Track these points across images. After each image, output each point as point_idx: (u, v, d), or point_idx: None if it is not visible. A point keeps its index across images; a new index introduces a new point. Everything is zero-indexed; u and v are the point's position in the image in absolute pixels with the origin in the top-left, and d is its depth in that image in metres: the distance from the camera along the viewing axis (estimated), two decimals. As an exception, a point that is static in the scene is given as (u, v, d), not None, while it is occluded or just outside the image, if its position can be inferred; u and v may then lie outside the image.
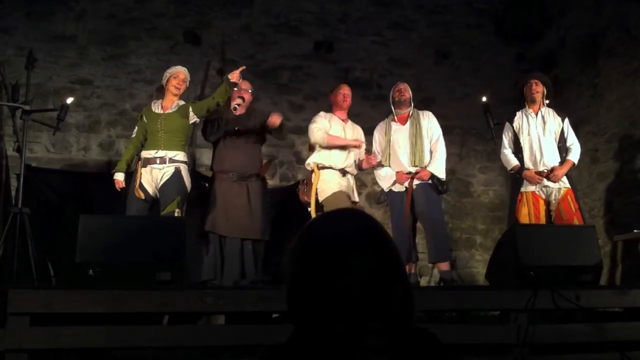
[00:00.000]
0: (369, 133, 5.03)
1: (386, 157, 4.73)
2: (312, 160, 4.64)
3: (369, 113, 5.46)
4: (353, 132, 4.79)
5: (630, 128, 5.71)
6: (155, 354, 3.21)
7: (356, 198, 4.73)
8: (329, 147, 4.59)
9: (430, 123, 4.78)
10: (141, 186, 4.27)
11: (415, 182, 4.59)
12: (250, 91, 4.62)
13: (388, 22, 7.11)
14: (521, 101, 4.87)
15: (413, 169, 4.62)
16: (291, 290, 1.07)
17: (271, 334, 2.90)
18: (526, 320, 3.14)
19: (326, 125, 4.63)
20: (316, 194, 4.49)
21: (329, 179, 4.53)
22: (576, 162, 4.68)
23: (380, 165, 4.77)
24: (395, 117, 4.82)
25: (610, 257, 5.55)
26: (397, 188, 4.67)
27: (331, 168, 4.58)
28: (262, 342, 2.91)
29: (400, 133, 4.75)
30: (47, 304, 2.84)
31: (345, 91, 4.76)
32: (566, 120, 4.73)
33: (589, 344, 3.28)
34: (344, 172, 4.62)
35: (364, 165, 4.76)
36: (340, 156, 4.62)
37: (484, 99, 4.75)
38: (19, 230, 4.10)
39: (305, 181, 4.68)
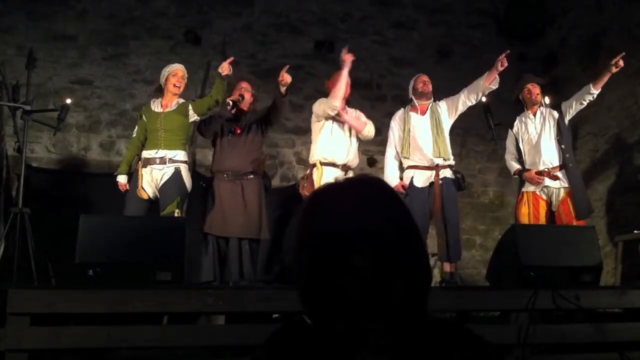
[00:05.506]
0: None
1: (406, 147, 4.57)
2: (314, 154, 4.54)
3: (369, 113, 5.43)
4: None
5: (631, 128, 5.70)
6: (155, 354, 3.21)
7: None
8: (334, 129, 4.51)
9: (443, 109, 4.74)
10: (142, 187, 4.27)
11: (441, 175, 4.48)
12: (251, 91, 4.60)
13: (389, 22, 7.10)
14: (519, 106, 4.86)
15: (439, 160, 4.51)
16: (299, 288, 1.04)
17: (271, 334, 2.89)
18: (526, 320, 3.14)
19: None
20: None
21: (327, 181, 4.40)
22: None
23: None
24: (418, 108, 4.70)
25: (611, 258, 5.54)
26: (421, 183, 4.50)
27: (333, 165, 4.46)
28: (262, 342, 2.90)
29: (420, 123, 4.63)
30: (47, 303, 2.84)
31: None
32: (560, 108, 4.72)
33: (589, 344, 3.29)
34: (346, 168, 4.51)
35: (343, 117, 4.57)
36: (343, 149, 4.50)
37: (484, 99, 4.74)
38: (20, 230, 4.10)
39: (306, 176, 4.55)
